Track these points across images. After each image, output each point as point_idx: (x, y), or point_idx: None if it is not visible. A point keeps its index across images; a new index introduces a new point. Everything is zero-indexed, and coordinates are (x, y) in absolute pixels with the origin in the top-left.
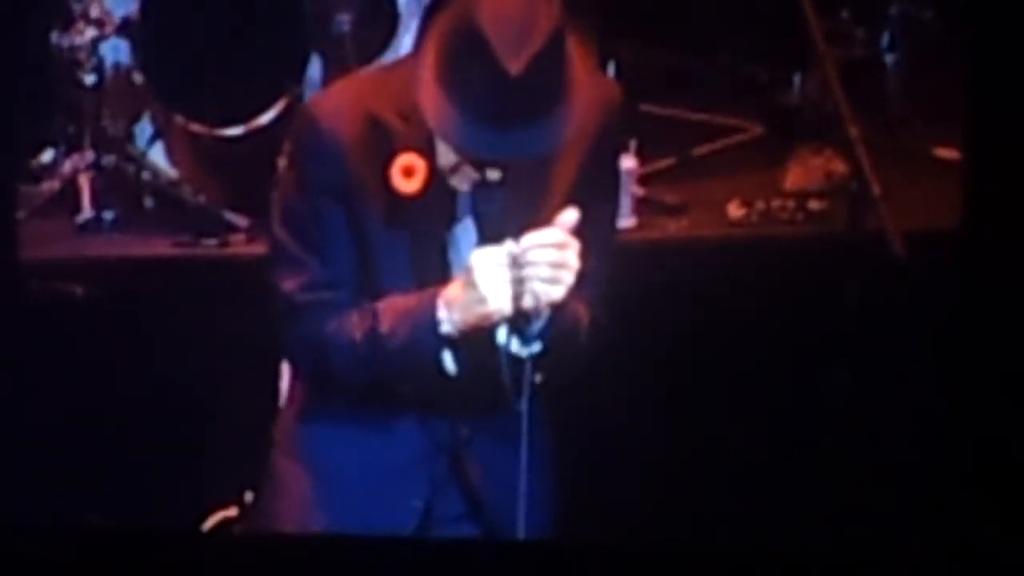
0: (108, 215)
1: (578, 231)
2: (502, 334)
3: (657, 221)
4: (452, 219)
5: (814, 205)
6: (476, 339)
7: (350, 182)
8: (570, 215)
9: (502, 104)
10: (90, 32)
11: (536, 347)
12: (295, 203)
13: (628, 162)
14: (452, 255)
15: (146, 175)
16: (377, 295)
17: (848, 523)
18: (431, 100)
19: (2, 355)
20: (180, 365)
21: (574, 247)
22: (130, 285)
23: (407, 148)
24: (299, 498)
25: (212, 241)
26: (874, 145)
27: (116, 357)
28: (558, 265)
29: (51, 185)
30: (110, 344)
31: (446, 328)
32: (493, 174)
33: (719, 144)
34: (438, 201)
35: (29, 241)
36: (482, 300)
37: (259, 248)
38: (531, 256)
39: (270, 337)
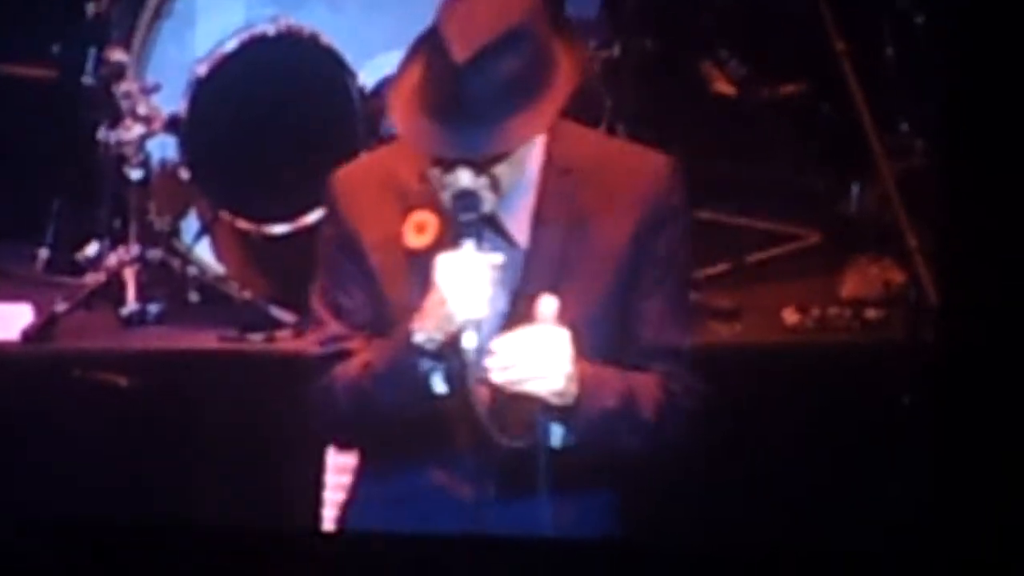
0: (153, 308)
1: (625, 302)
2: (469, 339)
3: (710, 326)
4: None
5: (871, 314)
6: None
7: (361, 239)
8: (548, 305)
9: (452, 97)
10: (138, 129)
11: (557, 440)
12: (320, 267)
13: None
14: None
15: (192, 270)
16: None
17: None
18: (401, 110)
19: (45, 445)
20: (224, 459)
21: (551, 339)
22: (174, 378)
23: (420, 206)
24: None
25: (258, 336)
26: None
27: (158, 449)
28: (535, 364)
29: (96, 277)
30: (152, 436)
31: (419, 338)
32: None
33: (775, 251)
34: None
35: (72, 332)
36: (442, 302)
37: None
38: (502, 362)
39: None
